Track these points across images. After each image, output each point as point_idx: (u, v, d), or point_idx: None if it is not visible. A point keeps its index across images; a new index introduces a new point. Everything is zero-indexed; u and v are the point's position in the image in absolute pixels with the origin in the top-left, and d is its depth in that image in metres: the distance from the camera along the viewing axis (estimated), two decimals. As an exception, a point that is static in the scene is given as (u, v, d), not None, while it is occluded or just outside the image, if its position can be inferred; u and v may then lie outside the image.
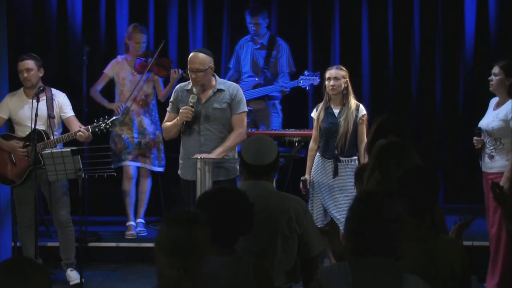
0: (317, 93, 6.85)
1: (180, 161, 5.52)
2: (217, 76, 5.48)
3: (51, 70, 7.03)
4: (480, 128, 5.58)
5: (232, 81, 6.73)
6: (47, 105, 6.06)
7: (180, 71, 6.76)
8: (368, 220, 2.69)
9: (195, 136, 5.38)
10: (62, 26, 7.67)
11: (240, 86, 7.05)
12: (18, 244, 6.37)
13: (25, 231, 6.02)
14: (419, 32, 7.67)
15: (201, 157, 5.17)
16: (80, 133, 5.96)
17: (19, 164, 6.01)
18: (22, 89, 6.20)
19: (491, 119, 5.56)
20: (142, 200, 7.02)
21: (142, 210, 7.02)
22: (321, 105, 5.91)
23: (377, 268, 2.68)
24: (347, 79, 5.83)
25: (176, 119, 5.37)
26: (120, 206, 7.15)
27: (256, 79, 7.14)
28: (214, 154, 5.25)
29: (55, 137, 6.01)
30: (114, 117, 6.15)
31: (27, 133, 6.03)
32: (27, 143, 6.02)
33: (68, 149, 5.68)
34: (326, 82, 5.84)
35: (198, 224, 2.72)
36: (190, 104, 5.29)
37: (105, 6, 7.74)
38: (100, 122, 6.02)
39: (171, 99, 5.51)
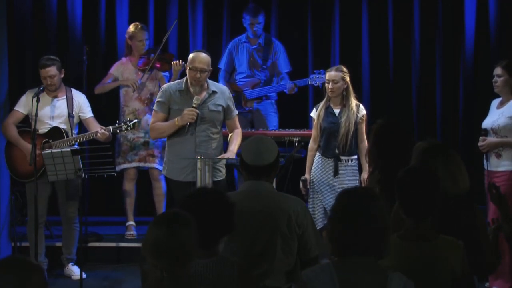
0: (317, 93, 6.86)
1: (169, 162, 5.52)
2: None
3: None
4: (486, 129, 5.58)
5: (225, 82, 6.77)
6: (67, 105, 6.18)
7: (182, 62, 6.72)
8: (348, 220, 2.70)
9: (189, 137, 5.40)
10: (62, 26, 7.67)
11: (239, 86, 7.11)
12: (18, 244, 6.39)
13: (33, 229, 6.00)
14: (419, 32, 7.67)
15: (199, 157, 5.17)
16: (99, 134, 6.02)
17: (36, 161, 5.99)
18: (43, 86, 6.23)
19: (496, 117, 5.55)
20: (160, 202, 6.87)
21: None
22: (321, 104, 5.92)
23: (361, 268, 2.70)
24: (347, 80, 5.83)
25: (175, 119, 5.37)
26: (120, 206, 7.15)
27: (256, 78, 7.15)
28: (231, 154, 5.42)
29: (70, 136, 6.10)
30: (135, 120, 6.15)
31: (46, 130, 6.11)
32: (46, 139, 6.10)
33: (68, 149, 5.69)
34: (326, 84, 5.86)
35: (182, 226, 2.72)
36: (194, 105, 5.33)
37: (105, 6, 7.74)
38: (122, 124, 6.07)
39: (161, 99, 5.51)
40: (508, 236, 3.64)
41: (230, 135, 5.63)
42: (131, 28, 6.90)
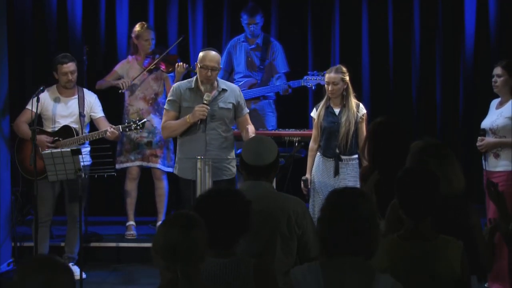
0: (317, 93, 6.85)
1: (179, 161, 5.53)
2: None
3: (51, 70, 7.01)
4: (484, 130, 5.57)
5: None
6: (78, 104, 6.21)
7: (185, 65, 6.72)
8: (337, 220, 2.70)
9: (200, 135, 5.41)
10: (62, 26, 7.67)
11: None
12: (18, 244, 6.39)
13: (39, 227, 6.00)
14: (419, 32, 7.67)
15: (201, 157, 5.17)
16: (109, 132, 6.04)
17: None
18: (55, 86, 6.27)
19: (495, 118, 5.54)
20: (161, 202, 6.89)
21: (161, 216, 6.85)
22: (321, 104, 5.91)
23: (348, 268, 2.70)
24: (347, 80, 5.81)
25: (186, 117, 5.38)
26: (120, 206, 7.15)
27: (253, 78, 7.14)
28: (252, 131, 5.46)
29: (80, 135, 6.12)
30: (144, 120, 6.17)
31: (56, 129, 6.14)
32: (56, 138, 6.12)
33: (68, 149, 5.70)
34: (326, 86, 5.84)
35: (195, 227, 2.71)
36: (205, 102, 5.35)
37: (105, 6, 7.74)
38: (132, 123, 6.09)
39: (172, 98, 5.52)
40: (505, 234, 3.64)
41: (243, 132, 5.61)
42: (137, 27, 6.90)
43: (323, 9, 7.77)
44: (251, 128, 5.55)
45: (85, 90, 6.36)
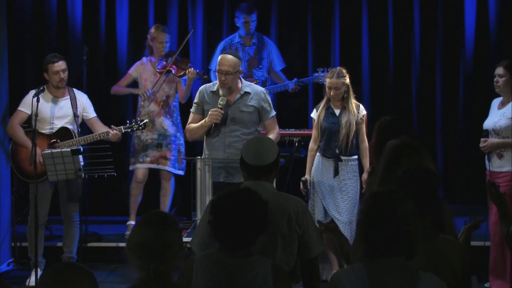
0: (317, 93, 6.85)
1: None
2: (242, 79, 5.51)
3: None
4: (487, 130, 5.57)
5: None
6: (71, 105, 6.17)
7: (195, 71, 6.72)
8: (379, 221, 2.70)
9: (220, 138, 5.39)
10: (62, 26, 7.67)
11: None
12: (18, 244, 6.38)
13: (34, 229, 5.98)
14: (419, 32, 7.67)
15: (200, 157, 5.17)
16: (112, 134, 6.04)
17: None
18: (45, 87, 6.22)
19: (497, 118, 5.54)
20: (165, 202, 6.91)
21: None
22: (321, 105, 5.91)
23: (391, 268, 2.69)
24: (347, 82, 5.79)
25: (203, 120, 5.38)
26: (120, 206, 7.15)
27: (254, 78, 7.15)
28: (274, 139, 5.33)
29: (77, 136, 6.08)
30: (145, 120, 6.17)
31: (53, 131, 6.11)
32: (53, 140, 6.09)
33: (68, 149, 5.69)
34: (327, 90, 5.81)
35: (170, 227, 2.73)
36: (219, 106, 5.32)
37: (105, 6, 7.74)
38: (133, 124, 6.08)
39: (196, 100, 5.51)
40: (506, 235, 3.65)
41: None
42: (153, 29, 6.93)
43: (323, 10, 7.77)
44: (273, 135, 5.46)
45: (75, 90, 6.30)
